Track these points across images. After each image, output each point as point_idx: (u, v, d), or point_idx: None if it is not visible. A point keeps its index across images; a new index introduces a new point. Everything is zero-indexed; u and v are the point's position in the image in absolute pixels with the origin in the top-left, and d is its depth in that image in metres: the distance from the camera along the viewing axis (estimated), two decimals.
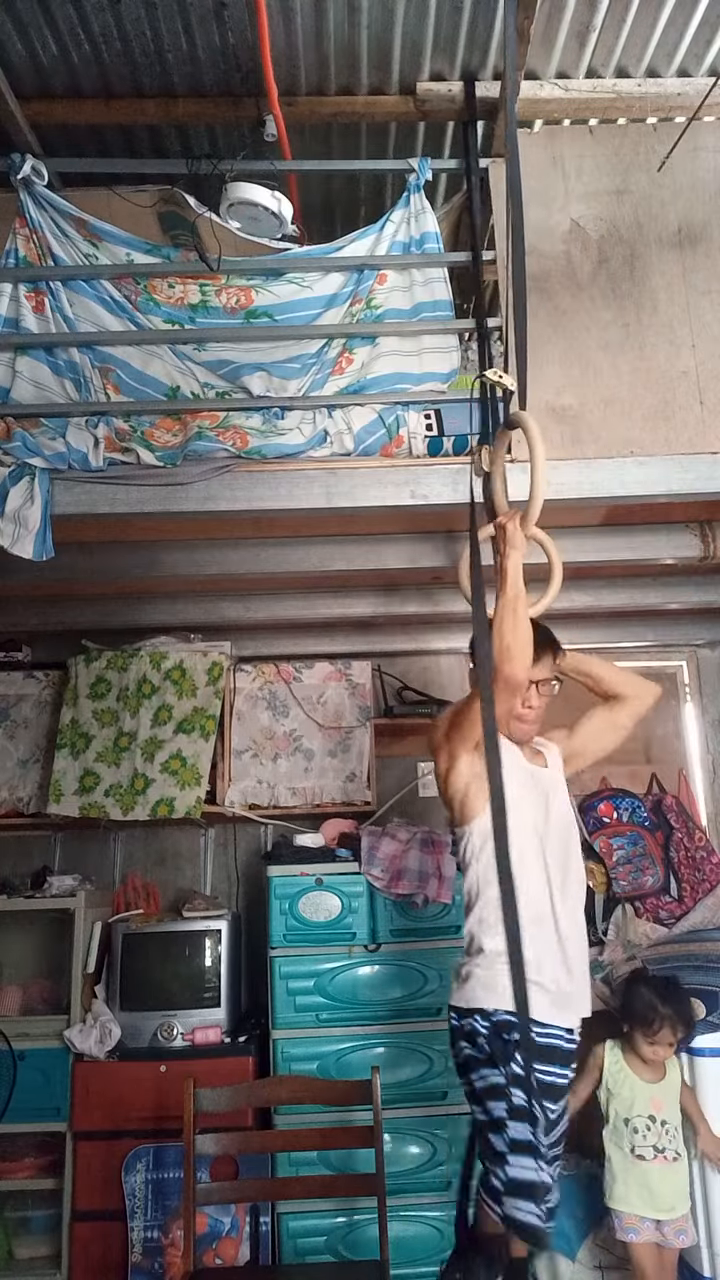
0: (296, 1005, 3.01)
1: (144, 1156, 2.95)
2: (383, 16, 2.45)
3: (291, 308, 2.72)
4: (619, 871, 3.54)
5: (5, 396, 2.62)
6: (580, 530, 2.93)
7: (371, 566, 3.00)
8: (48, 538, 2.50)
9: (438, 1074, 2.96)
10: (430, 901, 3.07)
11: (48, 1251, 3.02)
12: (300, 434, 2.59)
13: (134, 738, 3.43)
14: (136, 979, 3.20)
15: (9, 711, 3.66)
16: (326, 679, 3.68)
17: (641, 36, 2.59)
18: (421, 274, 2.74)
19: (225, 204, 2.65)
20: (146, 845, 3.74)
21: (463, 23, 2.49)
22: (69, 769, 3.43)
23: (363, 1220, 2.83)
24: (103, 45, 2.49)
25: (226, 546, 2.99)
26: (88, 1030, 3.06)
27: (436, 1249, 2.83)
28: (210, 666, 3.52)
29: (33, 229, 2.67)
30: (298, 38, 2.50)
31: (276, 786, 3.55)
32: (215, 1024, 3.15)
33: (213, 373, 2.72)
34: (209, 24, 2.43)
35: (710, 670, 4.00)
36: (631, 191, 2.76)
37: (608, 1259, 2.89)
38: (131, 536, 2.92)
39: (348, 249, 2.75)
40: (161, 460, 2.54)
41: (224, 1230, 2.88)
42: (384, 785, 3.67)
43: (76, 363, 2.66)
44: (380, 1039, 2.99)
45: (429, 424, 2.63)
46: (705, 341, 2.66)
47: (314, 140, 2.91)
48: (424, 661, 3.86)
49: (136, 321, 2.71)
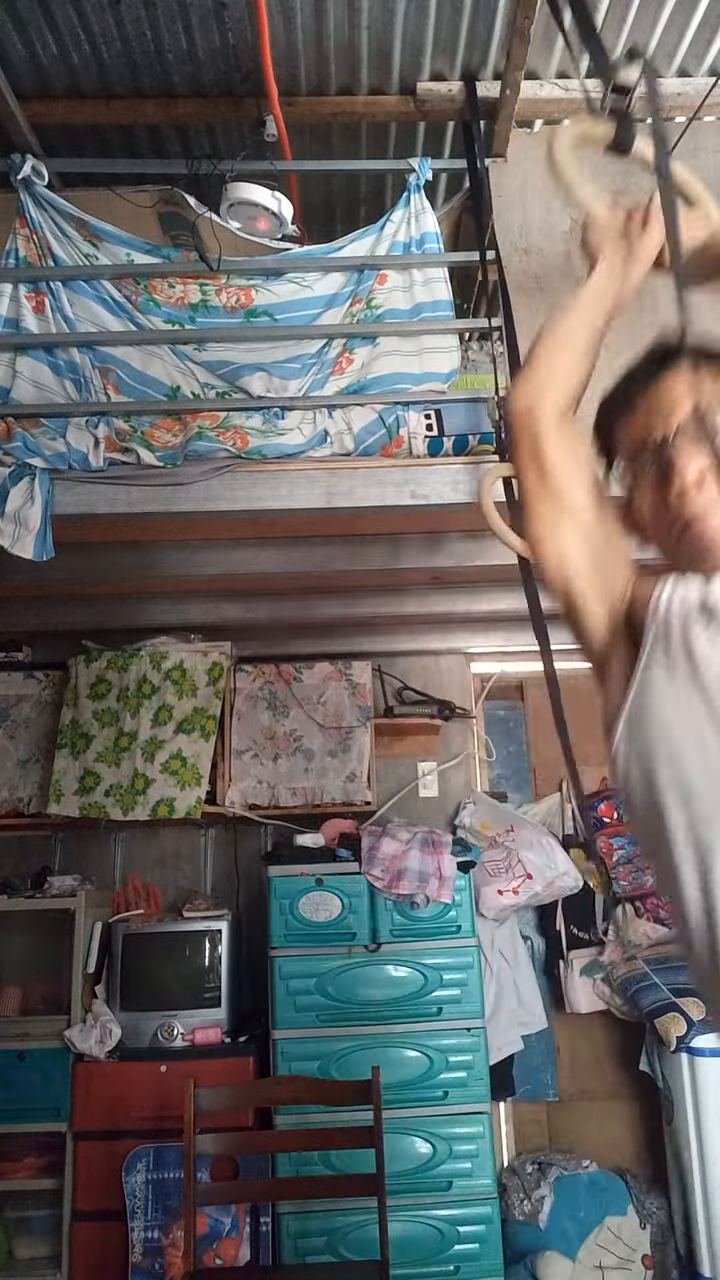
0: (297, 1005, 3.01)
1: (144, 1156, 2.94)
2: (383, 16, 2.45)
3: (291, 307, 2.72)
4: (619, 871, 3.54)
5: (5, 396, 2.62)
6: None
7: (371, 566, 3.00)
8: (48, 538, 2.50)
9: (437, 1074, 2.96)
10: (430, 901, 3.07)
11: (48, 1252, 3.02)
12: (300, 434, 2.59)
13: (134, 738, 3.42)
14: (137, 979, 3.20)
15: (9, 711, 3.66)
16: (326, 679, 3.68)
17: (641, 37, 2.59)
18: (422, 274, 2.73)
19: (225, 204, 2.65)
20: (147, 845, 3.73)
21: (463, 23, 2.49)
22: (69, 769, 3.43)
23: (363, 1220, 2.82)
24: (103, 45, 2.48)
25: (226, 546, 2.99)
26: (88, 1030, 3.06)
27: (437, 1249, 2.83)
28: (210, 667, 3.52)
29: (33, 229, 2.67)
30: (298, 38, 2.49)
31: (277, 786, 3.54)
32: (215, 1024, 3.14)
33: (213, 373, 2.72)
34: (209, 24, 2.43)
35: None
36: (632, 191, 2.76)
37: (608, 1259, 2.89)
38: (131, 536, 2.91)
39: (348, 249, 2.75)
40: (161, 460, 2.54)
41: (224, 1230, 2.88)
42: (384, 785, 3.67)
43: (77, 363, 2.66)
44: (380, 1039, 2.99)
45: (429, 424, 2.63)
46: None
47: (314, 140, 2.91)
48: (424, 661, 3.86)
49: (136, 322, 2.70)
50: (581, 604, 1.09)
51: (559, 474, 1.10)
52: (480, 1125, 2.93)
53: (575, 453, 1.12)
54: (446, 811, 3.71)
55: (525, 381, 1.16)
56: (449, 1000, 3.02)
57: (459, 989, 3.03)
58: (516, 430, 1.14)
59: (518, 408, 1.14)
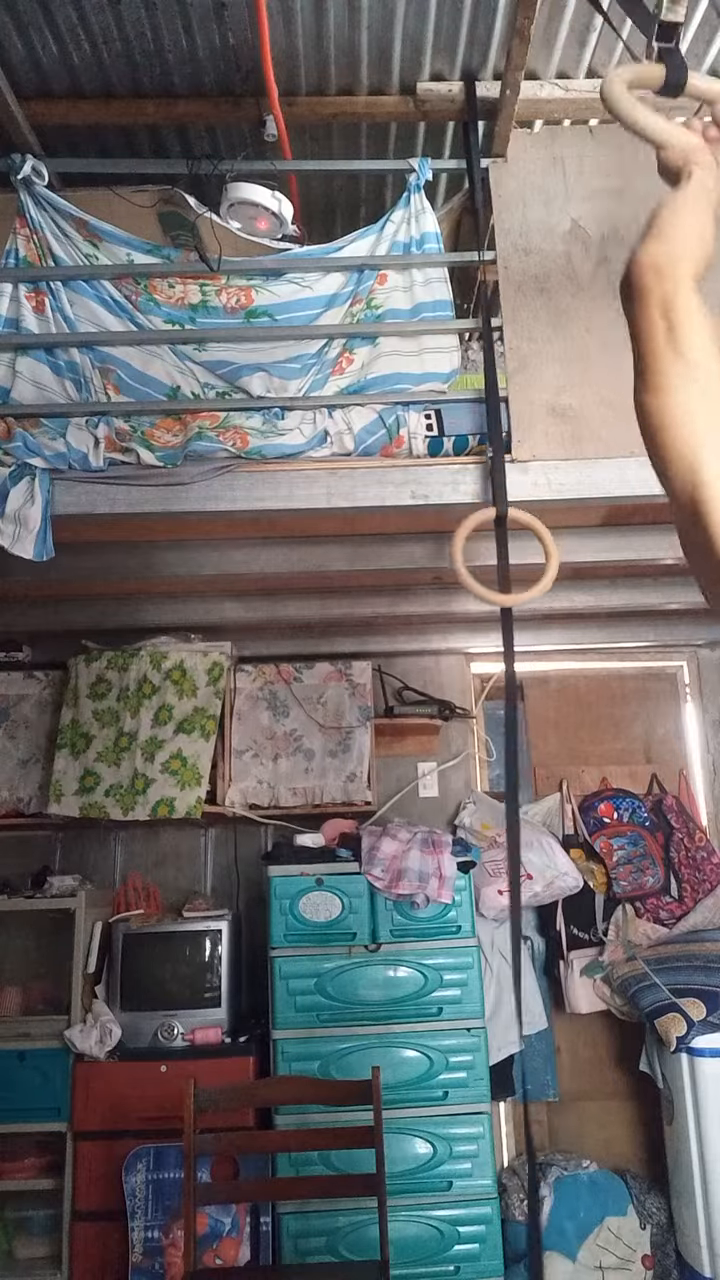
0: (297, 1005, 3.01)
1: (144, 1156, 2.94)
2: (383, 17, 2.45)
3: (292, 308, 2.72)
4: (619, 872, 3.54)
5: (5, 397, 2.62)
6: (580, 530, 2.93)
7: (371, 566, 3.00)
8: (48, 538, 2.50)
9: (438, 1074, 2.96)
10: (430, 901, 3.07)
11: (48, 1252, 3.02)
12: (300, 434, 2.59)
13: (134, 738, 3.42)
14: (137, 979, 3.20)
15: (9, 711, 3.66)
16: (326, 679, 3.68)
17: (642, 37, 2.59)
18: (422, 274, 2.73)
19: (225, 204, 2.65)
20: (147, 845, 3.74)
21: (463, 23, 2.49)
22: (69, 769, 3.43)
23: (363, 1220, 2.83)
24: (103, 45, 2.48)
25: (227, 546, 2.99)
26: (88, 1030, 3.06)
27: (437, 1249, 2.83)
28: (211, 666, 3.52)
29: (33, 229, 2.67)
30: (298, 38, 2.49)
31: (277, 786, 3.55)
32: (216, 1024, 3.14)
33: (213, 373, 2.72)
34: (209, 24, 2.43)
35: (710, 670, 4.00)
36: (632, 191, 2.76)
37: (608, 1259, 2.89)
38: (131, 536, 2.91)
39: (348, 249, 2.75)
40: (162, 460, 2.54)
41: (224, 1230, 2.88)
42: (384, 785, 3.67)
43: (77, 363, 2.66)
44: (380, 1039, 2.99)
45: (429, 424, 2.63)
46: None
47: (314, 140, 2.91)
48: (424, 661, 3.86)
49: (137, 322, 2.71)
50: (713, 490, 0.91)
51: (693, 330, 0.98)
52: (480, 1125, 2.94)
53: (705, 315, 1.00)
54: (446, 811, 3.71)
55: (656, 241, 1.04)
56: (449, 1000, 3.02)
57: (459, 989, 3.03)
58: (642, 288, 1.02)
59: (646, 263, 1.02)
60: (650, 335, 1.00)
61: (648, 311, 1.01)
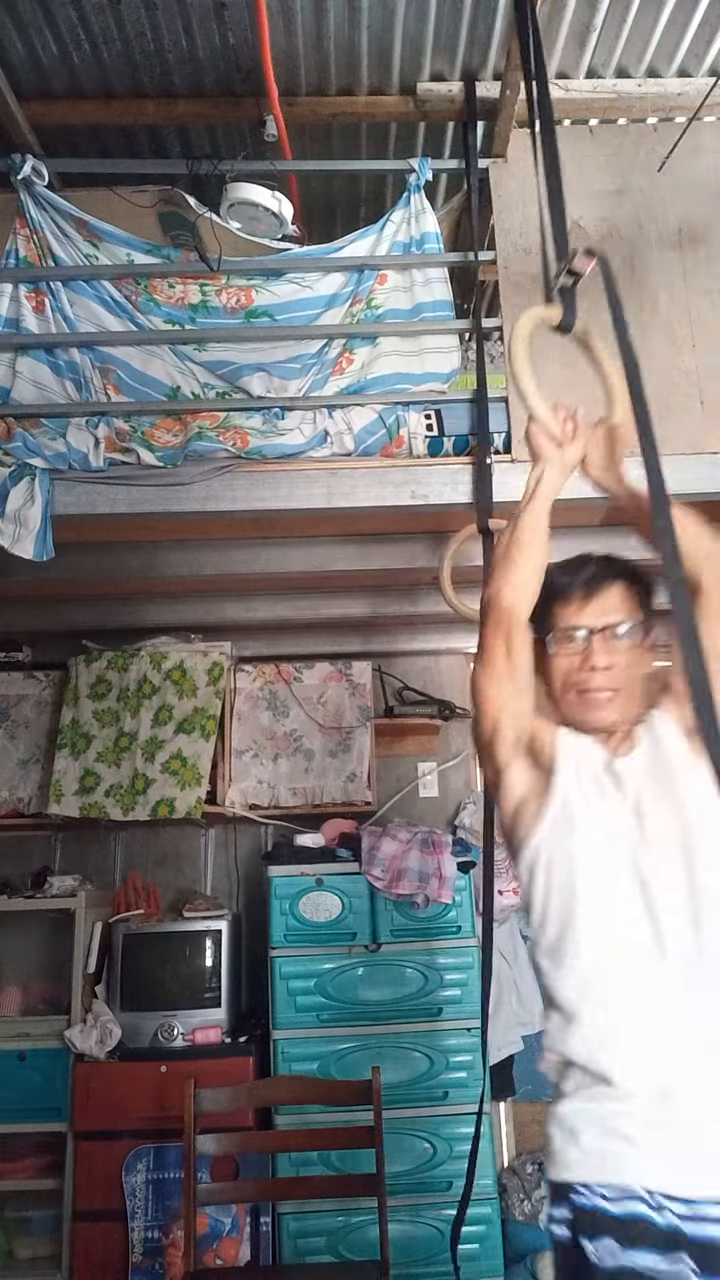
0: (297, 1005, 3.01)
1: (144, 1157, 2.94)
2: (383, 17, 2.45)
3: (292, 308, 2.72)
4: None
5: (5, 397, 2.62)
6: (580, 530, 2.92)
7: (372, 567, 3.00)
8: (48, 538, 2.50)
9: (438, 1074, 2.96)
10: (431, 901, 3.07)
11: (48, 1251, 3.02)
12: (301, 434, 2.59)
13: (134, 738, 3.42)
14: (137, 979, 3.20)
15: (9, 711, 3.65)
16: (327, 679, 3.68)
17: (642, 37, 2.59)
18: (422, 274, 2.74)
19: (225, 204, 2.65)
20: (147, 845, 3.73)
21: (463, 23, 2.49)
22: (69, 769, 3.43)
23: (363, 1220, 2.82)
24: (103, 45, 2.49)
25: (227, 546, 2.99)
26: (88, 1030, 3.06)
27: (437, 1249, 2.83)
28: (211, 667, 3.51)
29: (33, 229, 2.67)
30: (298, 38, 2.50)
31: (277, 786, 3.54)
32: (216, 1024, 3.14)
33: (213, 373, 2.72)
34: (209, 24, 2.43)
35: None
36: (631, 191, 2.76)
37: None
38: (132, 536, 2.91)
39: (348, 249, 2.75)
40: (162, 460, 2.54)
41: (224, 1230, 2.88)
42: (384, 785, 3.67)
43: (77, 363, 2.66)
44: (380, 1039, 2.99)
45: (429, 424, 2.63)
46: (705, 341, 2.66)
47: (314, 140, 2.91)
48: (424, 661, 3.86)
49: (137, 322, 2.71)
50: (501, 732, 1.50)
51: (521, 653, 1.49)
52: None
53: (528, 638, 1.51)
54: (446, 811, 3.71)
55: (508, 583, 1.50)
56: (449, 1000, 3.02)
57: (459, 989, 3.03)
58: (496, 620, 1.49)
59: (503, 604, 1.49)
60: (495, 646, 1.48)
61: (499, 631, 1.49)
